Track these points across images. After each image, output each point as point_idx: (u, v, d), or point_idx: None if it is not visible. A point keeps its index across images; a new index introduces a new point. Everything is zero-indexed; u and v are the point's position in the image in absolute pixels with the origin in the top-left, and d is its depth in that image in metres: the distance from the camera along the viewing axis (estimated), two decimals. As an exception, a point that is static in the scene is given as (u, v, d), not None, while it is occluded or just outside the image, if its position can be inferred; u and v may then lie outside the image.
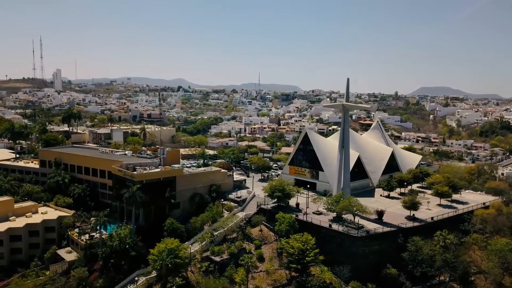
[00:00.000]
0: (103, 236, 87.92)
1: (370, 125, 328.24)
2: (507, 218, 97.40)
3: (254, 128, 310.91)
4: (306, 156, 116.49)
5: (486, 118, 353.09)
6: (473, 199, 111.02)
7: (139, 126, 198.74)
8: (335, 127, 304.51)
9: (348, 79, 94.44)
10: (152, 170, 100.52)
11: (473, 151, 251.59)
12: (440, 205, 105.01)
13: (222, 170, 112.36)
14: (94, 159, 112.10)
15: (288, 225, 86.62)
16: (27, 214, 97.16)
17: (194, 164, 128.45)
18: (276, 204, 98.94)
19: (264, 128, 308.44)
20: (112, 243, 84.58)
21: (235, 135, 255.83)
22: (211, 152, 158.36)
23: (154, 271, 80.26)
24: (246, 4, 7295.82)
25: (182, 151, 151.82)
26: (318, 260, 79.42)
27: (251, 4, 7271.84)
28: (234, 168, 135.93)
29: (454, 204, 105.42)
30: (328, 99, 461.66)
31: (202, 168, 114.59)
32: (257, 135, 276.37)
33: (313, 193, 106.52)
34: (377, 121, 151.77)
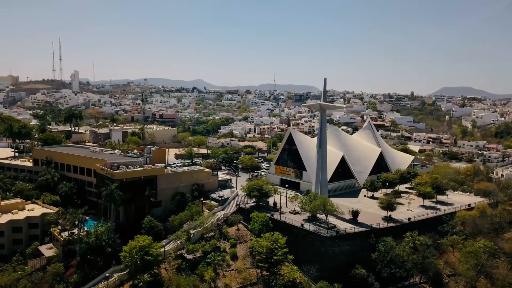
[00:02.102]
0: (82, 233, 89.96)
1: (381, 125, 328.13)
2: (490, 219, 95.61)
3: (263, 128, 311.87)
4: (291, 156, 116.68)
5: (503, 119, 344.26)
6: (460, 200, 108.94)
7: (139, 126, 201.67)
8: (344, 127, 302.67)
9: (325, 79, 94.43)
10: (134, 169, 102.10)
11: (485, 153, 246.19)
12: (423, 206, 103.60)
13: (206, 170, 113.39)
14: (81, 158, 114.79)
15: (261, 224, 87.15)
16: (13, 211, 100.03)
17: (180, 164, 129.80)
18: (255, 203, 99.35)
19: (274, 128, 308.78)
20: (89, 239, 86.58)
21: (242, 135, 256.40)
22: (204, 151, 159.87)
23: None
24: (266, 5, 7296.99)
25: (176, 150, 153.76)
26: (287, 259, 79.64)
27: (271, 4, 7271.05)
28: (224, 167, 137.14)
29: (438, 205, 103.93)
30: (342, 99, 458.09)
31: (185, 167, 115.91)
32: (266, 136, 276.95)
33: (292, 193, 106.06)
34: (368, 121, 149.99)
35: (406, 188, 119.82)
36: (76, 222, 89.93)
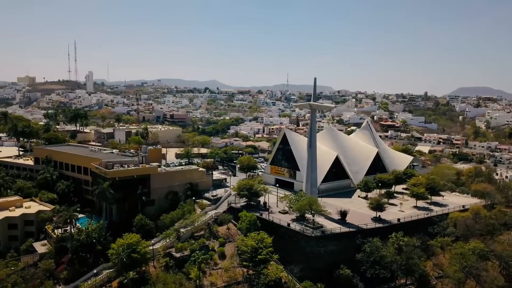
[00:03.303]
0: (73, 230, 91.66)
1: (391, 126, 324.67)
2: (484, 221, 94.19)
3: (273, 129, 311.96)
4: (285, 156, 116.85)
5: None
6: (455, 201, 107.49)
7: (142, 126, 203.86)
8: (354, 127, 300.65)
9: (315, 79, 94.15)
10: (126, 168, 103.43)
11: (496, 154, 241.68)
12: (416, 207, 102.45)
13: (200, 169, 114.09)
14: (78, 157, 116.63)
15: (249, 223, 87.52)
16: (10, 208, 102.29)
17: (177, 163, 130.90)
18: (246, 203, 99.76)
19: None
20: (79, 237, 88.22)
21: (247, 135, 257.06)
22: (205, 151, 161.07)
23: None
24: (281, 5, 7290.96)
25: (177, 150, 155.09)
26: (272, 258, 79.75)
27: (286, 5, 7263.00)
28: (222, 167, 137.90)
29: (432, 206, 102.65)
30: (354, 99, 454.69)
31: (180, 167, 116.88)
32: (275, 136, 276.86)
33: (282, 192, 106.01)
34: (367, 121, 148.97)
35: (403, 189, 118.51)
36: (68, 220, 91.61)
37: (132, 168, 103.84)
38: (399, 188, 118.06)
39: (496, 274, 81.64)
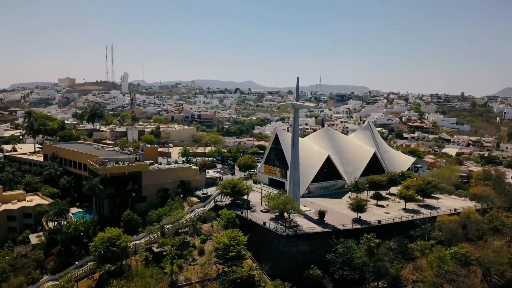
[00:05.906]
0: (63, 223, 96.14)
1: (419, 127, 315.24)
2: (474, 225, 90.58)
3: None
4: (277, 156, 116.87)
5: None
6: (450, 204, 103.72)
7: (156, 125, 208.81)
8: (379, 128, 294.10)
9: (298, 78, 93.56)
10: (118, 165, 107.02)
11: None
12: (404, 209, 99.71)
13: (193, 167, 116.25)
14: (79, 153, 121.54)
15: (227, 221, 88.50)
16: (12, 201, 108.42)
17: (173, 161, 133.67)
18: (232, 201, 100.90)
19: (307, 129, 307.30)
20: (68, 230, 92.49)
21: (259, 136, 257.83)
22: (208, 150, 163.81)
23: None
24: (320, 7, 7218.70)
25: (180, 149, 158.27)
26: (246, 256, 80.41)
27: (324, 7, 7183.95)
28: (222, 165, 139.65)
29: (422, 209, 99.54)
30: (385, 100, 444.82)
31: (172, 165, 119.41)
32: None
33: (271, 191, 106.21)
34: (368, 122, 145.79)
35: (398, 190, 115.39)
36: (59, 213, 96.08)
37: (124, 165, 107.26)
38: (395, 190, 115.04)
39: (476, 280, 78.39)
